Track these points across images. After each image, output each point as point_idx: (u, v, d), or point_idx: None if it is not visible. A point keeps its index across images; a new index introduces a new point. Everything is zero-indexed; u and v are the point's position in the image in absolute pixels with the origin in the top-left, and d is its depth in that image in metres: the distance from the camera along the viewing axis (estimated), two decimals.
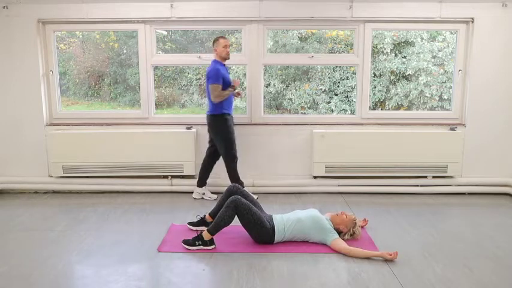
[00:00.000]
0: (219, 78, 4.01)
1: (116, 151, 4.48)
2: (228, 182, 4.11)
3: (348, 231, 3.20)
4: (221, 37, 4.10)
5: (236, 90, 4.21)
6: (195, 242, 3.07)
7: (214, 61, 4.13)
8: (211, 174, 4.40)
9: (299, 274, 2.73)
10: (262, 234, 3.11)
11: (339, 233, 3.19)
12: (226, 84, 4.08)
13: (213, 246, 3.08)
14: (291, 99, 7.10)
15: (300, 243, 3.16)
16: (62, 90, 5.01)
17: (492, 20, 4.37)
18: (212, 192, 4.40)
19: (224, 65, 4.17)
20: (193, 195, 4.40)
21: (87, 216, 3.82)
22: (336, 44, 7.09)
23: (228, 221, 3.05)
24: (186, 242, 3.10)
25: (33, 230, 3.49)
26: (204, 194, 4.38)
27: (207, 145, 4.38)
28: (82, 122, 4.63)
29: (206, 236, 3.07)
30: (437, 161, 4.48)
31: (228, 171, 4.22)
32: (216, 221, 3.06)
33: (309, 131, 4.56)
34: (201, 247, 3.06)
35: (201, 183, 4.37)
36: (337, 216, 3.25)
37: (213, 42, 4.14)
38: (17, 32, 4.42)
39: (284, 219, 3.22)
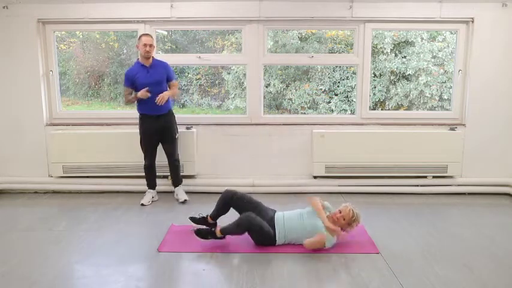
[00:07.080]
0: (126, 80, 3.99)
1: (116, 151, 4.48)
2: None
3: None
4: (143, 34, 3.97)
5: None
6: (207, 236, 3.13)
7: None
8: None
9: (299, 274, 2.73)
10: (264, 240, 3.12)
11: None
12: (141, 88, 3.91)
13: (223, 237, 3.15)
14: (291, 99, 7.11)
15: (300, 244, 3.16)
16: (62, 90, 5.01)
17: (492, 20, 4.37)
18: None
19: (143, 65, 3.99)
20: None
21: (87, 216, 3.82)
22: (336, 44, 7.09)
23: (239, 234, 3.11)
24: (199, 232, 3.14)
25: (33, 230, 3.49)
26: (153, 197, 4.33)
27: (206, 145, 4.36)
28: (82, 122, 4.63)
29: (219, 233, 3.12)
30: (437, 161, 4.48)
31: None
32: (229, 229, 3.08)
33: (309, 131, 4.56)
34: (212, 240, 3.13)
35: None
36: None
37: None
38: (17, 32, 4.41)
39: (286, 226, 3.15)
